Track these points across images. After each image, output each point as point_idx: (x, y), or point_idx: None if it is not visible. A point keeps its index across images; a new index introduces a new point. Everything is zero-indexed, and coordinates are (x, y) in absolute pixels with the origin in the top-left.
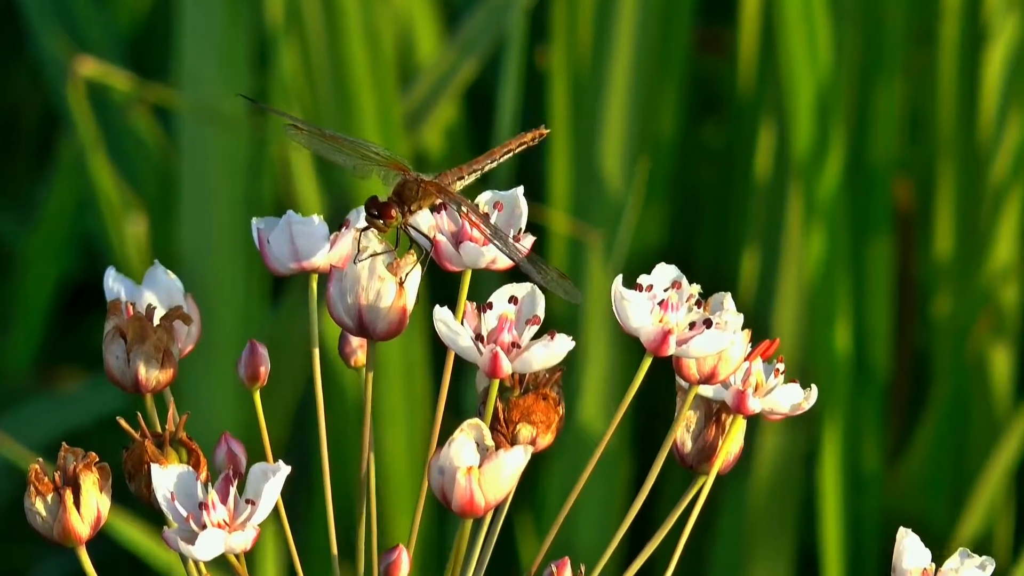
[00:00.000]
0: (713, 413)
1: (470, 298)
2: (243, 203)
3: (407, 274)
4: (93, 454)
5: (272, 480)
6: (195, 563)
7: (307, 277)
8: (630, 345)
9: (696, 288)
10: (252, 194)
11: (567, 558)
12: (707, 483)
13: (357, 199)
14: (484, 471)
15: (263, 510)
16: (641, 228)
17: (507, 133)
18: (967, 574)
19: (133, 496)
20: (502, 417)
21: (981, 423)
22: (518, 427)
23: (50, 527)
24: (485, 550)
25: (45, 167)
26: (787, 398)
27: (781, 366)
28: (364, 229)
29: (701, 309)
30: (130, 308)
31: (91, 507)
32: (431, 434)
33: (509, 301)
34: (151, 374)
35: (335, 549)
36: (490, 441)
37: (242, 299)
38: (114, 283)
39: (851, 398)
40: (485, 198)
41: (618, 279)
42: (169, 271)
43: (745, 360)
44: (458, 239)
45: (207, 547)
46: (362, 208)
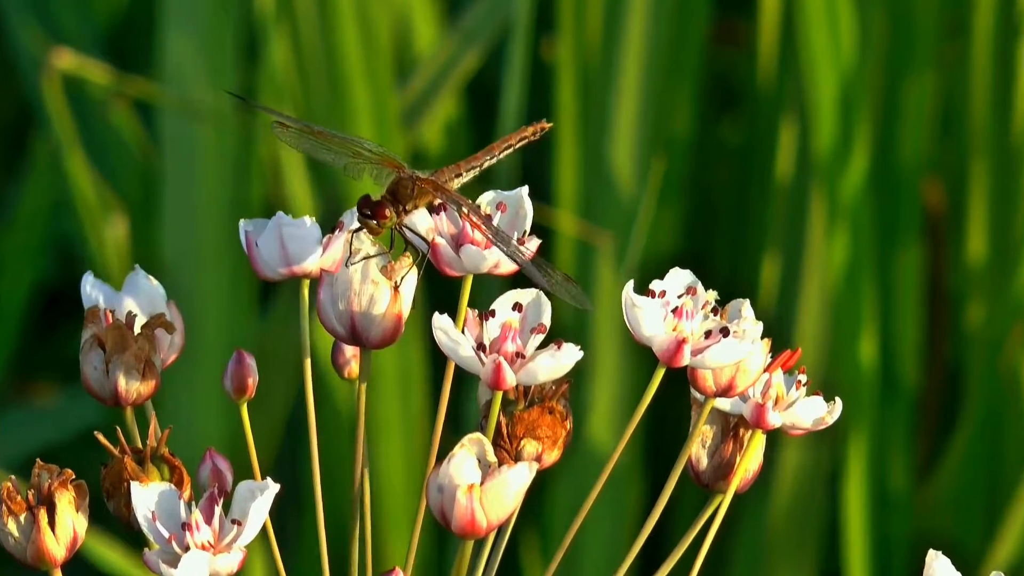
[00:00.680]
0: (730, 428)
1: (470, 305)
2: (230, 205)
3: (402, 278)
4: (69, 471)
5: (260, 499)
6: None
7: (297, 283)
8: (641, 355)
9: (712, 294)
10: (239, 195)
11: None
12: (724, 502)
13: (352, 201)
14: (486, 489)
15: (250, 531)
16: (654, 231)
17: (510, 129)
18: None
19: (112, 516)
20: (505, 432)
21: (1015, 439)
22: (522, 442)
23: (23, 549)
24: (487, 574)
25: (19, 166)
26: (809, 412)
27: (803, 378)
28: (356, 230)
29: (718, 317)
30: (109, 315)
31: (67, 527)
32: (429, 449)
33: (513, 308)
34: (132, 386)
35: (327, 572)
36: (493, 457)
37: (228, 306)
38: (92, 289)
39: (878, 412)
40: (487, 198)
41: (629, 285)
42: (151, 276)
43: (765, 371)
44: (458, 242)
45: (190, 570)
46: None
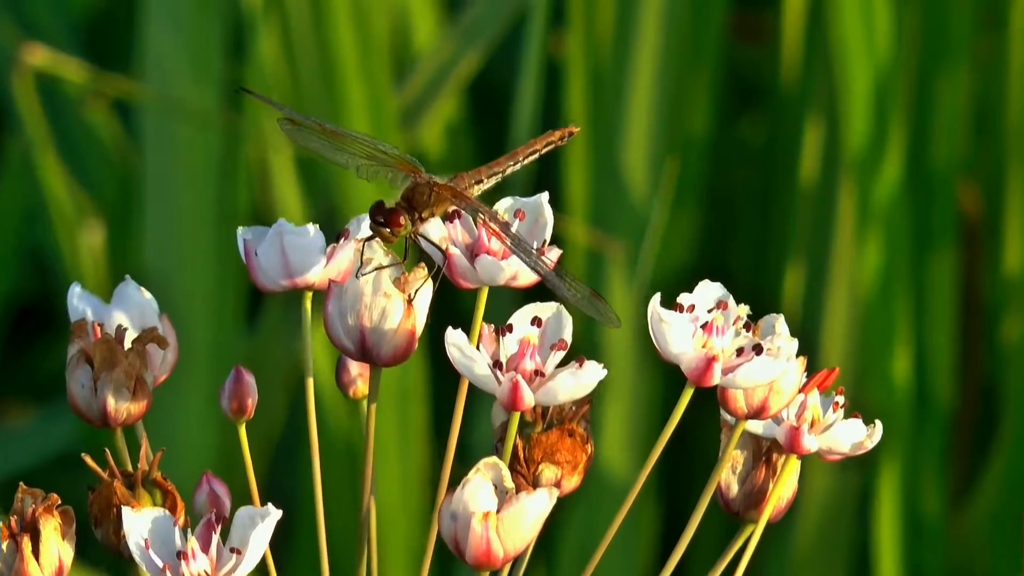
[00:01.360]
0: (763, 453)
1: (486, 319)
2: (215, 211)
3: (416, 290)
4: (55, 496)
5: (261, 526)
6: None
7: (289, 294)
8: (657, 372)
9: (744, 309)
10: (225, 201)
11: None
12: (756, 533)
13: (345, 206)
14: (503, 517)
15: (250, 560)
16: (668, 239)
17: (525, 131)
18: None
19: (99, 544)
20: (523, 456)
21: None
22: (541, 467)
23: None
24: None
25: None
26: (848, 436)
27: (840, 399)
28: (368, 239)
29: (750, 333)
30: (97, 329)
31: (52, 556)
32: (427, 474)
33: (532, 323)
34: (121, 405)
35: None
36: (510, 483)
37: (214, 319)
38: (79, 301)
39: (910, 433)
40: (505, 205)
41: (655, 298)
42: (142, 288)
43: (800, 392)
44: (474, 251)
45: None
46: (364, 216)
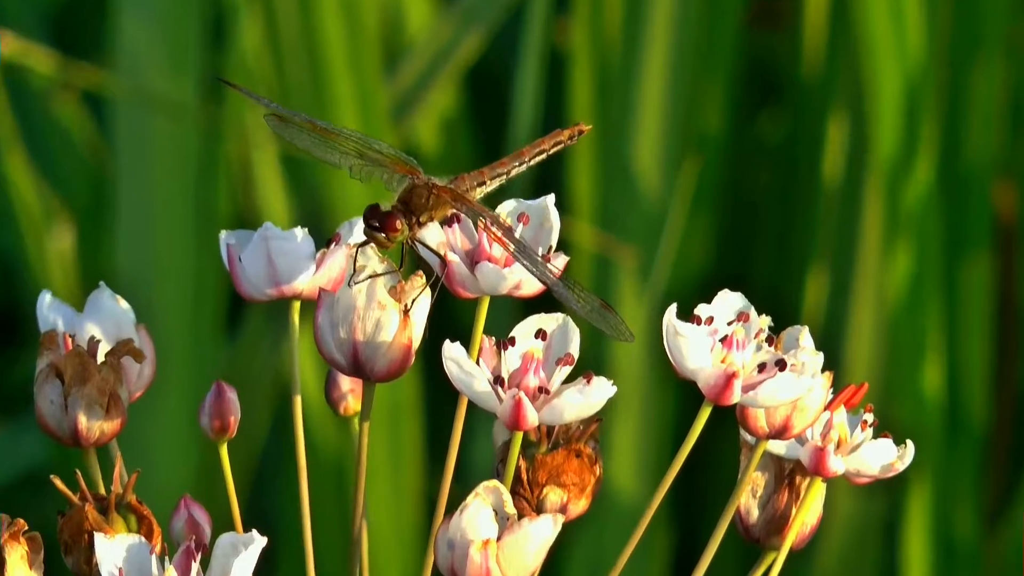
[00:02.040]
0: (785, 475)
1: (486, 332)
2: (193, 212)
3: (413, 300)
4: (21, 521)
5: (243, 555)
6: None
7: (277, 303)
8: (668, 388)
9: (766, 321)
10: (204, 202)
11: None
12: (777, 562)
13: (335, 209)
14: (504, 545)
15: None
16: (683, 244)
17: (525, 128)
18: None
19: (70, 573)
20: (526, 479)
21: None
22: (545, 491)
23: None
24: None
25: None
26: (877, 457)
27: (869, 417)
28: (362, 244)
29: (772, 347)
30: (68, 341)
31: None
32: (420, 496)
33: (536, 336)
34: (94, 423)
35: None
36: (512, 508)
37: (192, 330)
38: (49, 310)
39: (942, 452)
40: (508, 208)
41: (671, 309)
42: (118, 296)
43: (825, 410)
44: (474, 259)
45: None
46: (356, 220)
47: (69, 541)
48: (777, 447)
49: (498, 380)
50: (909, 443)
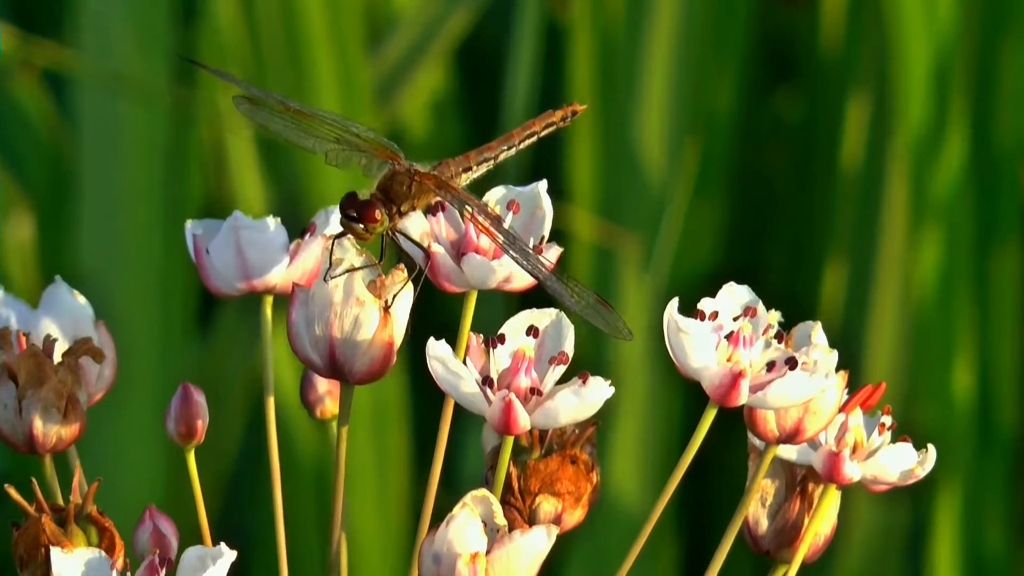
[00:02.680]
0: (797, 482)
1: (474, 328)
2: (162, 201)
3: (395, 296)
4: None
5: (212, 569)
6: None
7: (250, 298)
8: (674, 389)
9: (776, 316)
10: (174, 190)
11: None
12: (789, 575)
13: (312, 197)
14: (494, 559)
15: None
16: (690, 233)
17: (521, 108)
18: None
19: None
20: (517, 487)
21: None
22: (538, 500)
23: None
24: None
25: None
26: (896, 462)
27: (888, 419)
28: (339, 236)
29: (782, 344)
30: (23, 339)
31: None
32: (409, 506)
33: (527, 333)
34: (51, 428)
35: None
36: (502, 519)
37: (159, 327)
38: (2, 307)
39: (971, 459)
40: (497, 195)
41: (672, 304)
42: (75, 291)
43: (840, 412)
44: (460, 250)
45: None
46: (333, 208)
47: (25, 555)
48: (788, 452)
49: (487, 381)
50: (930, 447)
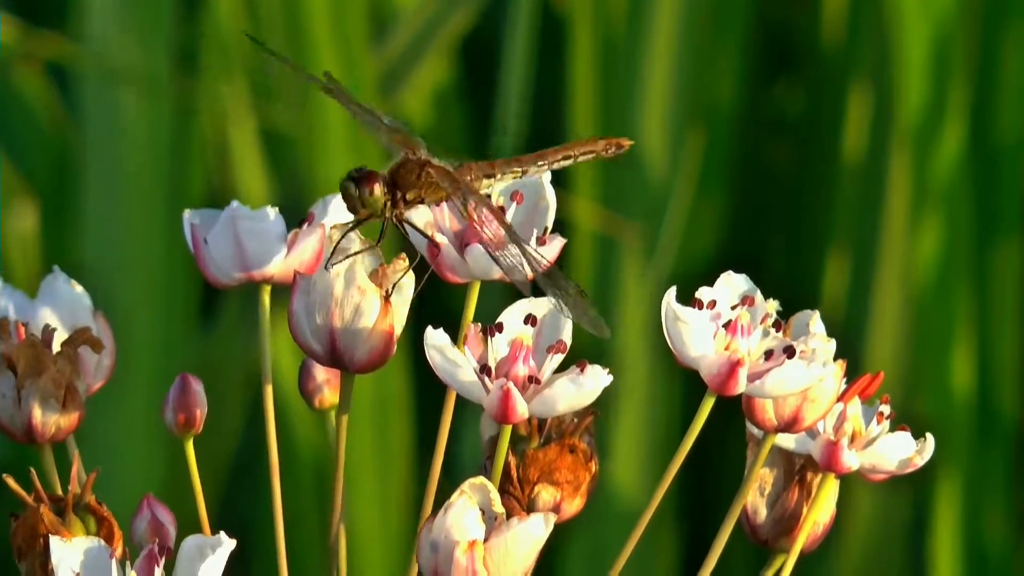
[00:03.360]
0: (795, 471)
1: (477, 318)
2: (165, 193)
3: (395, 285)
4: None
5: (211, 559)
6: None
7: (248, 289)
8: (675, 378)
9: (774, 305)
10: (176, 181)
11: None
12: (787, 565)
13: (316, 189)
14: (492, 547)
15: None
16: (691, 223)
17: (515, 100)
18: None
19: None
20: (516, 476)
21: None
22: (537, 489)
23: None
24: None
25: None
26: (894, 451)
27: (886, 408)
28: (344, 229)
29: (780, 333)
30: (21, 329)
31: None
32: (412, 496)
33: (525, 321)
34: (50, 418)
35: None
36: (500, 507)
37: (162, 318)
38: (1, 297)
39: (972, 449)
40: (501, 185)
41: (670, 293)
42: (73, 281)
43: (838, 401)
44: (463, 240)
45: None
46: (331, 198)
47: (23, 545)
48: (786, 441)
49: (485, 369)
50: (929, 436)
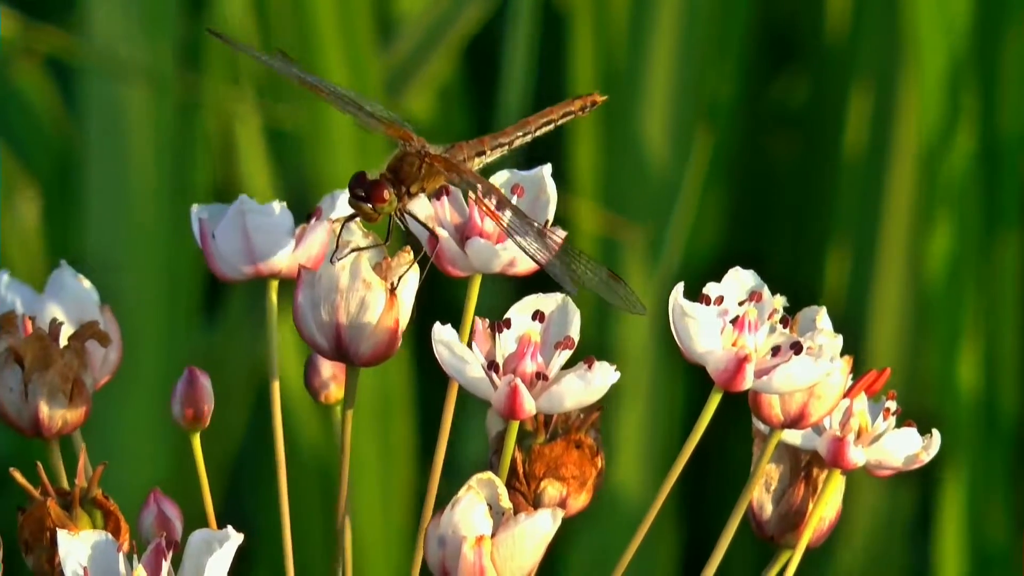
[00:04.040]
0: (801, 467)
1: (481, 313)
2: (169, 188)
3: (401, 278)
4: None
5: (218, 553)
6: None
7: (253, 284)
8: (678, 375)
9: (781, 301)
10: (181, 177)
11: None
12: (793, 560)
13: (320, 184)
14: (499, 542)
15: None
16: (695, 222)
17: (517, 95)
18: None
19: (31, 573)
20: (522, 471)
21: None
22: (543, 484)
23: None
24: None
25: None
26: (900, 447)
27: (892, 404)
28: (347, 218)
29: (787, 329)
30: (29, 324)
31: None
32: (412, 491)
33: (533, 317)
34: (56, 412)
35: None
36: (507, 502)
37: (167, 313)
38: (7, 291)
39: (976, 446)
40: (501, 179)
41: (678, 289)
42: (81, 275)
43: (844, 397)
44: (465, 234)
45: None
46: (338, 192)
47: (30, 539)
48: (793, 437)
49: (492, 365)
50: (935, 433)
